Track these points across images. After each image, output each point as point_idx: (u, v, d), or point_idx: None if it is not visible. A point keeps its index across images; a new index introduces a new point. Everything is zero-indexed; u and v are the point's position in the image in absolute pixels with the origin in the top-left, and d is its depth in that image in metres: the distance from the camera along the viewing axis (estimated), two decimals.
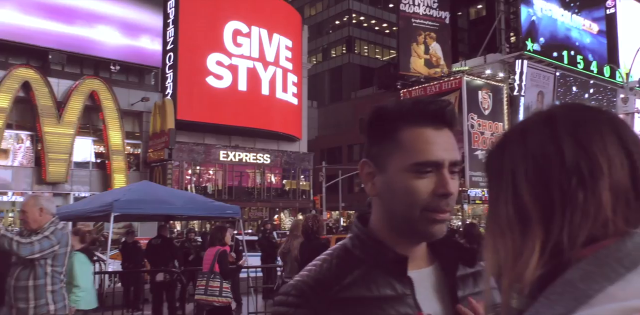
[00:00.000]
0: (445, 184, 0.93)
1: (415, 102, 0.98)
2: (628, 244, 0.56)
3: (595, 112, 0.65)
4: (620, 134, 0.62)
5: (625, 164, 0.60)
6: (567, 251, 0.58)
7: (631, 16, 47.05)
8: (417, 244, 1.00)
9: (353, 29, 47.35)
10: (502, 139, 0.69)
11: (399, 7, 33.23)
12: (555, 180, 0.60)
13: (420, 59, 33.64)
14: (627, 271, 0.54)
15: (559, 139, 0.62)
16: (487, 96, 31.64)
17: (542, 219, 0.61)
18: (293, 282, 0.96)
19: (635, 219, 0.59)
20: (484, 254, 0.68)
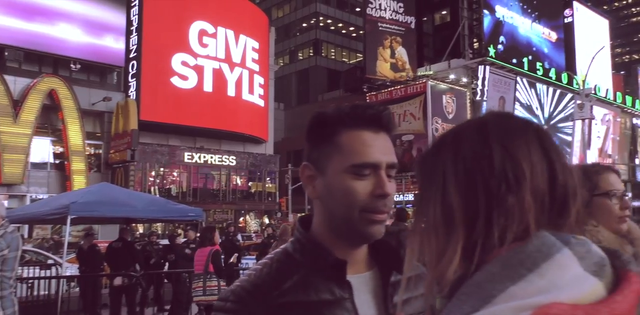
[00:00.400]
0: (382, 185, 0.95)
1: (353, 107, 1.01)
2: (530, 247, 0.59)
3: (523, 122, 0.69)
4: (544, 144, 0.66)
5: (545, 171, 0.64)
6: (486, 253, 0.61)
7: (587, 25, 48.92)
8: (358, 247, 1.01)
9: (320, 32, 47.52)
10: (437, 141, 0.72)
11: (366, 11, 33.58)
12: (483, 184, 0.63)
13: (387, 62, 34.05)
14: (529, 272, 0.56)
15: (489, 145, 0.65)
16: (451, 100, 32.27)
17: (466, 221, 0.63)
18: (232, 288, 0.96)
19: (547, 222, 0.62)
20: (408, 253, 0.70)
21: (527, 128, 0.67)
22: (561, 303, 0.53)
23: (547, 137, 0.67)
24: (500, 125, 0.67)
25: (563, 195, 0.64)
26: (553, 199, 0.63)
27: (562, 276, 0.56)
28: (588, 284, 0.56)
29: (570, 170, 0.66)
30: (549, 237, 0.60)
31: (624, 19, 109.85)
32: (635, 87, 59.39)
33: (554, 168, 0.64)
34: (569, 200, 0.64)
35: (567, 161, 0.67)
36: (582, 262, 0.58)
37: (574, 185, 0.65)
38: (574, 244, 0.60)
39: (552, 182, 0.64)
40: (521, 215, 0.61)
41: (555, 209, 0.63)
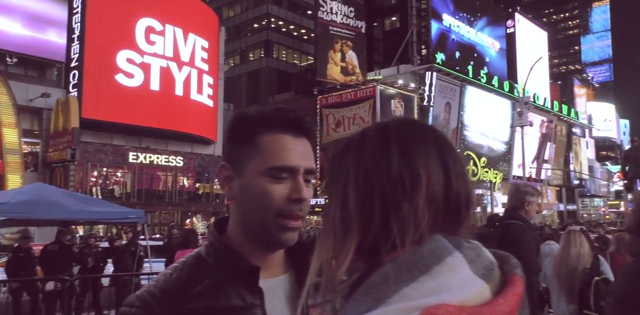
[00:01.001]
0: (299, 190, 0.96)
1: (276, 110, 1.01)
2: (424, 249, 0.60)
3: (425, 129, 0.70)
4: (442, 151, 0.67)
5: (442, 179, 0.65)
6: (384, 255, 0.62)
7: (528, 36, 51.31)
8: (272, 252, 1.01)
9: (272, 33, 47.39)
10: (345, 143, 0.73)
11: (317, 14, 33.83)
12: (380, 189, 0.64)
13: (337, 66, 34.40)
14: (421, 274, 0.58)
15: (389, 150, 0.66)
16: (400, 105, 32.96)
17: (362, 224, 0.64)
18: (138, 293, 0.94)
19: (441, 228, 0.64)
20: (314, 254, 0.70)
21: (428, 135, 0.69)
22: (448, 304, 0.55)
23: (446, 144, 0.69)
24: (401, 131, 0.69)
25: (457, 202, 0.66)
26: (447, 206, 0.65)
27: (452, 278, 0.58)
28: (475, 286, 0.58)
29: (465, 178, 0.68)
30: (442, 240, 0.62)
31: (562, 31, 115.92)
32: (571, 97, 62.83)
33: (450, 176, 0.66)
34: (462, 207, 0.67)
35: (465, 169, 0.70)
36: (472, 265, 0.60)
37: (468, 193, 0.67)
38: (466, 247, 0.62)
39: (447, 190, 0.65)
40: (416, 221, 0.63)
41: (449, 215, 0.65)
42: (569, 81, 67.56)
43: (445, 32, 38.79)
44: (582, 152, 60.59)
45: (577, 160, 57.73)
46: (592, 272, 4.00)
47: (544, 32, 55.65)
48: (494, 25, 45.36)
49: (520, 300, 0.60)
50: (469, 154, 36.17)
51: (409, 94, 33.61)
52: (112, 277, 9.51)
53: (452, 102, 35.73)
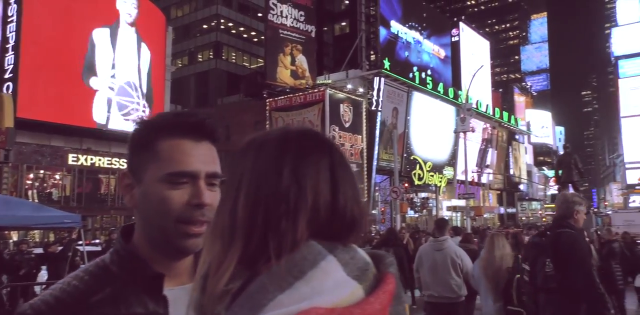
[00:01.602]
0: (199, 195, 0.94)
1: (175, 115, 1.00)
2: (298, 256, 0.61)
3: (322, 146, 0.70)
4: (335, 171, 0.68)
5: (329, 200, 0.66)
6: (261, 266, 0.63)
7: (472, 45, 53.21)
8: (178, 259, 0.99)
9: (221, 35, 46.79)
10: (245, 144, 0.72)
11: (267, 17, 33.70)
12: (266, 201, 0.65)
13: (287, 69, 34.38)
14: (296, 280, 0.59)
15: (282, 165, 0.66)
16: (348, 109, 33.32)
17: (247, 234, 0.64)
18: (32, 301, 0.91)
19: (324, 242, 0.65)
20: (200, 259, 0.69)
21: (323, 153, 0.69)
22: (319, 307, 0.56)
23: (340, 163, 0.70)
24: (298, 146, 0.68)
25: (341, 223, 0.66)
26: (331, 226, 0.66)
27: (326, 282, 0.59)
28: (348, 288, 0.60)
29: (355, 199, 0.69)
30: (315, 246, 0.63)
31: (503, 41, 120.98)
32: (511, 104, 65.56)
33: (338, 197, 0.66)
34: (346, 223, 0.67)
35: (356, 189, 0.70)
36: (346, 267, 0.61)
37: (356, 215, 0.68)
38: (340, 251, 0.63)
39: (334, 210, 0.66)
40: (294, 239, 0.63)
41: (333, 231, 0.66)
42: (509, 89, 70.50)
43: (393, 38, 39.60)
44: (521, 158, 63.32)
45: (516, 165, 60.27)
46: (513, 271, 4.29)
47: (486, 41, 57.83)
48: (440, 34, 46.74)
49: (392, 297, 0.62)
50: (415, 159, 37.01)
51: (357, 99, 34.04)
52: (46, 285, 9.07)
53: (399, 108, 36.47)
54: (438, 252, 5.39)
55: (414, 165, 36.74)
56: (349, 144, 32.92)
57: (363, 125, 34.23)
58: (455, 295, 5.33)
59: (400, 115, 36.54)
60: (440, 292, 5.40)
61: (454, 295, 5.34)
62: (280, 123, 33.90)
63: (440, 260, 5.34)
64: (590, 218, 12.21)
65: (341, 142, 32.42)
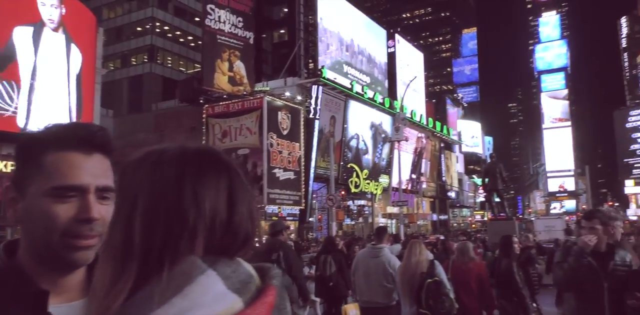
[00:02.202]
0: (87, 210, 0.91)
1: (64, 127, 0.97)
2: (176, 271, 0.62)
3: (221, 166, 0.70)
4: (233, 191, 0.68)
5: (225, 220, 0.67)
6: None
7: (407, 56, 54.87)
8: (66, 275, 0.94)
9: (156, 38, 45.53)
10: (141, 156, 0.70)
11: (204, 22, 33.16)
12: (164, 223, 0.64)
13: (224, 75, 33.93)
14: (174, 295, 0.60)
15: (182, 185, 0.66)
16: (286, 117, 33.31)
17: (143, 253, 0.64)
18: None
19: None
20: (94, 279, 0.68)
21: (221, 170, 0.69)
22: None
23: (237, 179, 0.70)
24: (197, 164, 0.68)
25: (235, 236, 0.67)
26: (224, 239, 0.66)
27: (205, 296, 0.60)
28: (228, 301, 0.61)
29: (250, 213, 0.70)
30: (195, 261, 0.63)
31: (436, 53, 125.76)
32: (444, 115, 68.04)
33: (234, 218, 0.67)
34: (240, 240, 0.68)
35: (251, 203, 0.71)
36: (227, 281, 0.62)
37: (248, 227, 0.69)
38: (221, 265, 0.64)
39: (230, 224, 0.67)
40: (190, 256, 0.64)
41: (225, 247, 0.66)
42: (442, 100, 73.19)
43: None
44: (453, 166, 65.81)
45: (448, 173, 62.54)
46: (426, 276, 4.52)
47: (420, 53, 59.82)
48: (377, 44, 47.86)
49: (271, 308, 0.63)
50: (352, 166, 37.53)
51: (295, 107, 34.13)
52: None
53: (337, 116, 36.91)
54: (373, 259, 5.49)
55: (350, 173, 37.23)
56: (286, 151, 32.89)
57: (301, 133, 34.34)
58: (386, 300, 5.44)
59: (338, 124, 36.98)
60: (371, 297, 5.52)
61: (385, 300, 5.45)
62: (217, 130, 33.36)
63: (374, 267, 5.44)
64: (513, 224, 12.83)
65: (279, 149, 32.33)
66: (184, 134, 35.51)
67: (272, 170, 31.54)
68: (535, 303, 7.52)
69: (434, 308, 4.43)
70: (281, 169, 32.27)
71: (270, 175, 31.35)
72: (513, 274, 5.50)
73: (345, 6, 41.92)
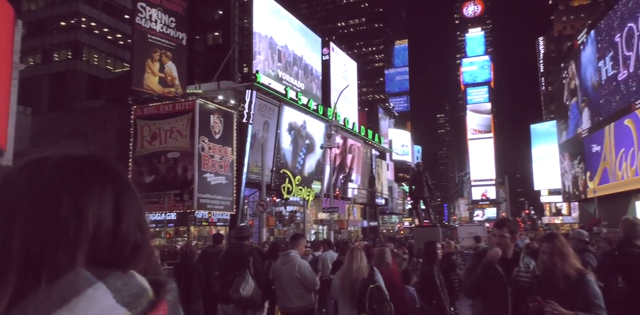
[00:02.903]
0: None
1: None
2: (61, 284, 0.60)
3: (106, 174, 0.68)
4: (120, 200, 0.67)
5: (111, 227, 0.65)
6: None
7: (341, 65, 55.71)
8: None
9: (82, 34, 43.32)
10: (23, 164, 0.68)
11: (135, 20, 31.97)
12: (42, 234, 0.62)
13: (155, 76, 32.84)
14: (58, 308, 0.58)
15: (62, 193, 0.64)
16: (219, 121, 32.73)
17: (20, 268, 0.61)
18: None
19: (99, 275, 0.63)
20: None
21: (105, 177, 0.68)
22: None
23: (124, 186, 0.69)
24: (79, 172, 0.67)
25: (123, 246, 0.66)
26: (112, 250, 0.65)
27: (91, 309, 0.58)
28: (116, 314, 0.59)
29: (139, 221, 0.69)
30: (83, 272, 0.61)
31: (370, 63, 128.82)
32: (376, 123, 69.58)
33: (122, 219, 0.66)
34: (128, 250, 0.67)
35: (141, 211, 0.70)
36: (117, 294, 0.61)
37: (137, 236, 0.68)
38: (112, 277, 0.62)
39: (117, 233, 0.66)
40: (70, 269, 0.62)
41: (114, 258, 0.65)
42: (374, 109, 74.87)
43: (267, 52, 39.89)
44: (384, 174, 67.37)
45: (379, 181, 63.93)
46: (367, 281, 4.67)
47: (354, 62, 60.93)
48: (312, 52, 48.23)
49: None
50: (284, 172, 37.42)
51: (228, 111, 33.62)
52: None
53: (271, 121, 36.73)
54: (284, 265, 5.56)
55: (283, 179, 37.11)
56: (218, 155, 32.29)
57: (233, 137, 33.85)
58: (299, 304, 5.53)
59: (271, 129, 36.80)
60: (285, 302, 5.67)
61: (298, 304, 5.60)
62: (147, 132, 32.18)
63: (285, 273, 5.52)
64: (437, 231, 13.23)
65: (210, 153, 31.69)
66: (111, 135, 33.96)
67: (203, 175, 30.84)
68: (452, 307, 7.77)
69: (377, 312, 4.57)
70: (212, 173, 31.62)
71: (201, 179, 30.63)
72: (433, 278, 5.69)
73: (281, 12, 42.01)
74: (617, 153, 37.32)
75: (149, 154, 31.93)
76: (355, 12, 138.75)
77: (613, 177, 38.42)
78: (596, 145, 41.96)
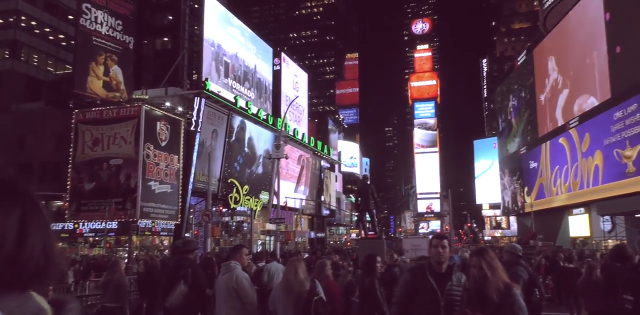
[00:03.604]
0: None
1: None
2: None
3: (12, 191, 0.68)
4: (25, 218, 0.67)
5: (12, 250, 0.66)
6: None
7: (292, 76, 55.81)
8: None
9: (21, 33, 41.37)
10: None
11: (79, 21, 30.86)
12: None
13: (99, 80, 31.74)
14: None
15: None
16: (165, 128, 31.95)
17: None
18: None
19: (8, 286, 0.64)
20: None
21: (13, 199, 0.68)
22: None
23: (32, 209, 0.69)
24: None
25: (23, 269, 0.66)
26: (11, 272, 0.65)
27: None
28: None
29: (46, 245, 0.69)
30: None
31: (321, 75, 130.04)
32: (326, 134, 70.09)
33: (25, 243, 0.67)
34: (29, 273, 0.67)
35: (48, 234, 0.71)
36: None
37: (39, 260, 0.68)
38: (5, 299, 0.62)
39: (18, 256, 0.66)
40: None
41: (13, 280, 0.65)
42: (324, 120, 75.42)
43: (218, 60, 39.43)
44: (332, 185, 67.72)
45: (327, 192, 64.18)
46: (311, 293, 4.77)
47: (305, 73, 61.28)
48: (263, 61, 48.12)
49: None
50: (232, 182, 36.86)
51: (176, 118, 32.89)
52: None
53: (219, 130, 36.20)
54: (222, 276, 5.49)
55: (231, 189, 36.54)
56: (164, 163, 31.45)
57: (180, 145, 33.09)
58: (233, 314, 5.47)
59: (220, 138, 36.27)
60: (220, 314, 5.48)
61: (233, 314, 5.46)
62: (88, 137, 30.95)
63: (222, 284, 5.45)
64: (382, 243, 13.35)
65: (156, 161, 30.82)
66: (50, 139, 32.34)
67: (147, 183, 29.93)
68: None
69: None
70: (157, 181, 30.75)
71: (145, 187, 29.71)
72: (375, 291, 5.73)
73: (233, 20, 41.75)
74: (552, 170, 39.26)
75: (90, 160, 30.73)
76: (308, 24, 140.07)
77: (548, 193, 40.32)
78: (533, 162, 43.98)
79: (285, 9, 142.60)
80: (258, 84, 46.44)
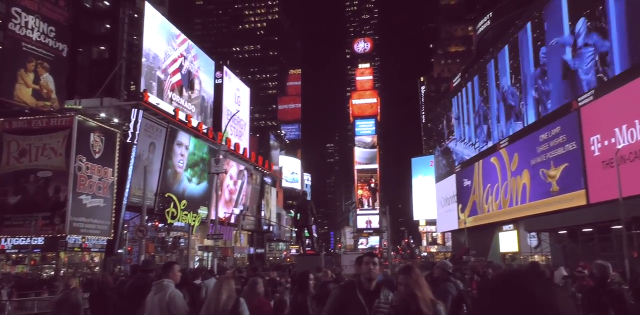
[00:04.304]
0: None
1: None
2: None
3: None
4: None
5: None
6: None
7: (234, 90, 55.48)
8: None
9: None
10: None
11: (7, 26, 29.33)
12: None
13: (28, 87, 30.19)
14: None
15: None
16: (100, 140, 30.75)
17: None
18: None
19: None
20: None
21: None
22: None
23: None
24: None
25: None
26: None
27: None
28: None
29: None
30: None
31: (263, 90, 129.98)
32: (267, 149, 69.82)
33: None
34: None
35: None
36: None
37: None
38: None
39: None
40: None
41: None
42: (266, 135, 75.19)
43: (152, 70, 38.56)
44: (272, 201, 67.29)
45: (267, 207, 63.66)
46: (232, 312, 4.65)
47: (247, 87, 61.08)
48: (205, 74, 47.57)
49: None
50: (170, 196, 35.83)
51: (111, 129, 31.71)
52: None
53: (157, 143, 35.24)
54: (156, 295, 5.32)
55: (168, 203, 35.47)
56: (97, 176, 30.19)
57: (115, 157, 31.88)
58: None
59: (158, 151, 35.29)
60: None
61: None
62: (14, 148, 29.24)
63: (156, 303, 5.27)
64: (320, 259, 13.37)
65: (88, 173, 29.53)
66: None
67: (78, 196, 28.57)
68: None
69: None
70: (89, 195, 29.41)
71: (76, 201, 28.34)
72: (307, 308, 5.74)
73: (174, 31, 41.09)
74: (485, 187, 40.96)
75: (15, 171, 29.02)
76: (251, 38, 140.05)
77: (481, 210, 41.97)
78: (467, 180, 45.73)
79: (228, 23, 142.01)
80: (199, 97, 45.76)
